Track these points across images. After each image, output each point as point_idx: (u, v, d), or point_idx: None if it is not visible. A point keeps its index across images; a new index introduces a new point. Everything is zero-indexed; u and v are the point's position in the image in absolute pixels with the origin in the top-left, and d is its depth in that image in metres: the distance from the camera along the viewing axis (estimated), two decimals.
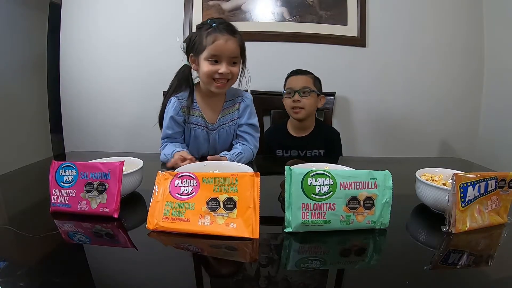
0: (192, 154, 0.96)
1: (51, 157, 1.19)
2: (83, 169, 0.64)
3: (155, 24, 1.65)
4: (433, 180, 0.75)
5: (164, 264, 0.53)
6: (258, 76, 1.64)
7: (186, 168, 0.77)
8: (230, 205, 0.60)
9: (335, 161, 1.25)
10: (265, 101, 1.57)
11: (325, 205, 0.59)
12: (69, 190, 0.63)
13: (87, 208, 0.64)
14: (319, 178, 0.59)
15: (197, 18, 1.62)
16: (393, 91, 1.77)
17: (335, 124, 1.75)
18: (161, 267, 0.52)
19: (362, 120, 1.79)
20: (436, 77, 1.78)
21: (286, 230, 0.60)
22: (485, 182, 0.66)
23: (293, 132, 1.36)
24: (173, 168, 0.85)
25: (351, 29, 1.68)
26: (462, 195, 0.64)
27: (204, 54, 0.95)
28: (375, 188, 0.61)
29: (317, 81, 1.34)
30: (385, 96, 1.77)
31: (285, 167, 0.59)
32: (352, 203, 0.60)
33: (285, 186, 0.59)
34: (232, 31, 0.98)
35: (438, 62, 1.76)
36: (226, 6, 1.63)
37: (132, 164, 0.76)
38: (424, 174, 0.76)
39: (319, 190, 0.59)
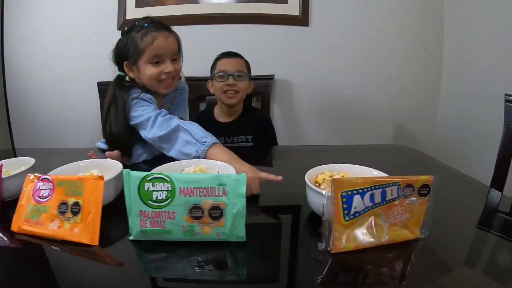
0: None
1: None
2: None
3: (94, 15, 1.60)
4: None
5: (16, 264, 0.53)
6: (191, 62, 1.52)
7: (67, 168, 0.72)
8: (76, 209, 0.57)
9: (268, 149, 1.17)
10: (200, 88, 1.45)
11: (163, 213, 0.52)
12: None
13: None
14: (157, 183, 0.52)
15: (131, 5, 1.56)
16: (339, 73, 1.61)
17: (275, 109, 1.62)
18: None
19: (305, 104, 1.64)
20: (388, 57, 1.61)
21: (130, 238, 0.55)
22: (381, 189, 0.51)
23: (220, 118, 1.27)
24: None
25: (291, 8, 1.53)
26: (345, 206, 0.51)
27: (144, 57, 0.88)
28: (223, 195, 0.51)
29: (248, 65, 1.27)
30: (331, 79, 1.62)
31: (123, 170, 0.54)
32: (195, 212, 0.52)
33: (125, 190, 0.54)
34: (167, 27, 0.93)
35: (390, 41, 1.59)
36: None
37: (28, 164, 0.76)
38: (323, 173, 0.63)
39: (156, 197, 0.52)
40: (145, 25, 0.89)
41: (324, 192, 0.51)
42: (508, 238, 0.56)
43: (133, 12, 1.57)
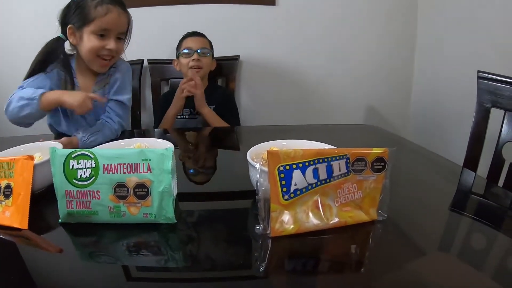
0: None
1: None
2: None
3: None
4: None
5: None
6: (155, 44, 1.50)
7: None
8: (7, 191, 0.54)
9: (229, 129, 1.16)
10: (164, 70, 1.45)
11: (88, 192, 0.48)
12: None
13: None
14: (82, 160, 0.48)
15: None
16: (307, 53, 1.54)
17: (241, 91, 1.55)
18: None
19: (272, 85, 1.57)
20: (359, 37, 1.53)
21: (59, 221, 0.51)
22: (325, 164, 0.44)
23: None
24: None
25: None
26: (283, 182, 0.44)
27: (91, 27, 0.85)
28: (148, 172, 0.46)
29: (211, 44, 1.32)
30: (298, 60, 1.54)
31: (49, 148, 0.50)
32: (120, 190, 0.47)
33: (52, 169, 0.50)
34: (123, 4, 0.90)
35: (360, 20, 1.51)
36: None
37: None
38: (272, 148, 0.56)
39: (81, 175, 0.48)
40: None
41: (256, 166, 0.44)
42: (482, 220, 0.47)
43: None
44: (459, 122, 1.28)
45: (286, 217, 0.44)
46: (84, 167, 0.48)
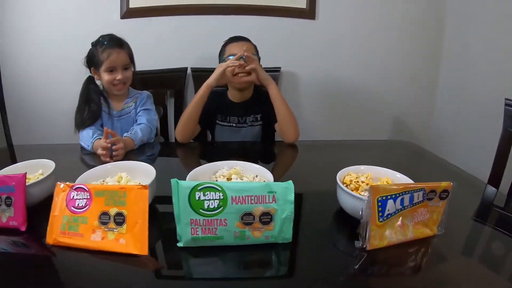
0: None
1: None
2: None
3: (96, 3, 1.52)
4: (358, 182, 0.68)
5: (66, 277, 0.54)
6: (198, 52, 1.57)
7: (94, 172, 0.74)
8: (120, 219, 0.57)
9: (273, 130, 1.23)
10: (205, 79, 1.45)
11: (215, 220, 0.55)
12: None
13: None
14: (208, 192, 0.55)
15: None
16: (344, 66, 1.66)
17: None
18: (64, 280, 0.53)
19: (310, 96, 1.69)
20: (390, 52, 1.66)
21: (178, 244, 0.57)
22: (409, 195, 0.59)
23: (233, 98, 1.27)
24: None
25: (299, 0, 1.55)
26: (380, 209, 0.57)
27: (103, 67, 1.15)
28: (273, 202, 0.55)
29: (255, 48, 1.26)
30: (335, 72, 1.66)
31: (171, 180, 0.55)
32: (247, 218, 0.55)
33: (173, 199, 0.55)
34: (121, 44, 1.17)
35: (392, 36, 1.64)
36: None
37: (49, 168, 0.74)
38: (349, 174, 0.70)
39: (208, 205, 0.54)
40: (105, 42, 1.15)
41: (364, 198, 0.57)
42: (503, 231, 0.67)
43: (137, 1, 1.51)
44: (477, 139, 1.43)
45: (380, 235, 0.58)
46: (211, 198, 0.54)
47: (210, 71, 1.40)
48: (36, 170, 0.79)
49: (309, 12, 1.55)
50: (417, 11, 1.63)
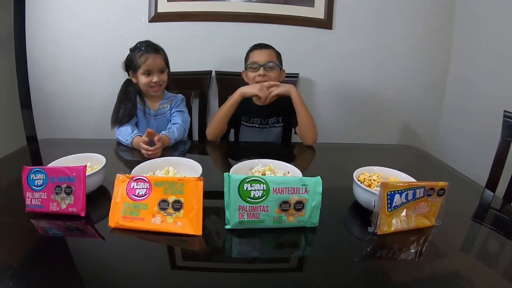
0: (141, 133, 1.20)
1: (25, 146, 1.31)
2: (51, 174, 0.73)
3: (123, 2, 1.63)
4: (371, 180, 0.82)
5: (127, 255, 0.64)
6: (222, 57, 1.70)
7: (144, 166, 0.86)
8: (177, 206, 0.69)
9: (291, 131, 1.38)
10: (230, 82, 1.56)
11: (259, 207, 0.67)
12: (41, 193, 0.72)
13: (57, 208, 0.73)
14: (254, 184, 0.67)
15: (161, 4, 1.62)
16: (357, 74, 1.80)
17: None
18: (125, 258, 0.63)
19: (325, 101, 1.83)
20: (403, 63, 1.79)
21: (226, 227, 0.69)
22: (413, 191, 0.73)
23: (257, 102, 1.38)
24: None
25: (317, 11, 1.67)
26: (388, 201, 0.71)
27: (140, 70, 1.25)
28: (305, 193, 0.68)
29: (279, 55, 1.37)
30: (350, 79, 1.80)
31: (224, 173, 0.67)
32: (284, 205, 0.68)
33: (224, 189, 0.67)
34: (157, 49, 1.27)
35: (406, 48, 1.77)
36: None
37: (96, 161, 0.86)
38: (363, 173, 0.84)
39: (254, 195, 0.67)
40: (142, 48, 1.25)
41: (376, 193, 0.70)
42: (497, 230, 0.80)
43: (165, 6, 1.63)
44: (479, 145, 1.55)
45: (388, 222, 0.71)
46: (256, 189, 0.67)
47: (233, 74, 1.56)
48: (84, 162, 0.85)
49: (326, 23, 1.67)
50: (429, 23, 1.75)
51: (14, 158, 1.12)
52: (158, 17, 1.63)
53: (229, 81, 1.59)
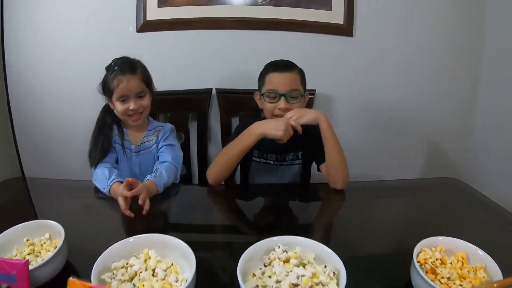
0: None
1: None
2: None
3: (108, 11, 1.39)
4: (434, 263, 0.61)
5: None
6: (224, 71, 1.44)
7: (115, 249, 0.61)
8: None
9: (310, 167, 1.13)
10: (233, 101, 1.36)
11: None
12: None
13: None
14: None
15: (152, 5, 1.37)
16: (382, 88, 1.52)
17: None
18: None
19: (346, 121, 1.53)
20: (431, 74, 1.53)
21: None
22: None
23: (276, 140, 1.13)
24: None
25: (336, 15, 1.41)
26: None
27: (114, 96, 1.04)
28: None
29: (303, 77, 1.09)
30: (374, 96, 1.52)
31: None
32: None
33: None
34: (133, 69, 1.04)
35: (433, 57, 1.50)
36: None
37: (57, 233, 0.65)
38: (423, 250, 0.63)
39: None
40: (116, 67, 1.02)
41: None
42: None
43: (155, 12, 1.38)
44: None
45: None
46: None
47: (237, 92, 1.32)
48: (42, 233, 0.68)
49: (346, 29, 1.41)
50: (458, 33, 1.49)
51: None
52: (147, 26, 1.39)
53: (233, 101, 1.36)
